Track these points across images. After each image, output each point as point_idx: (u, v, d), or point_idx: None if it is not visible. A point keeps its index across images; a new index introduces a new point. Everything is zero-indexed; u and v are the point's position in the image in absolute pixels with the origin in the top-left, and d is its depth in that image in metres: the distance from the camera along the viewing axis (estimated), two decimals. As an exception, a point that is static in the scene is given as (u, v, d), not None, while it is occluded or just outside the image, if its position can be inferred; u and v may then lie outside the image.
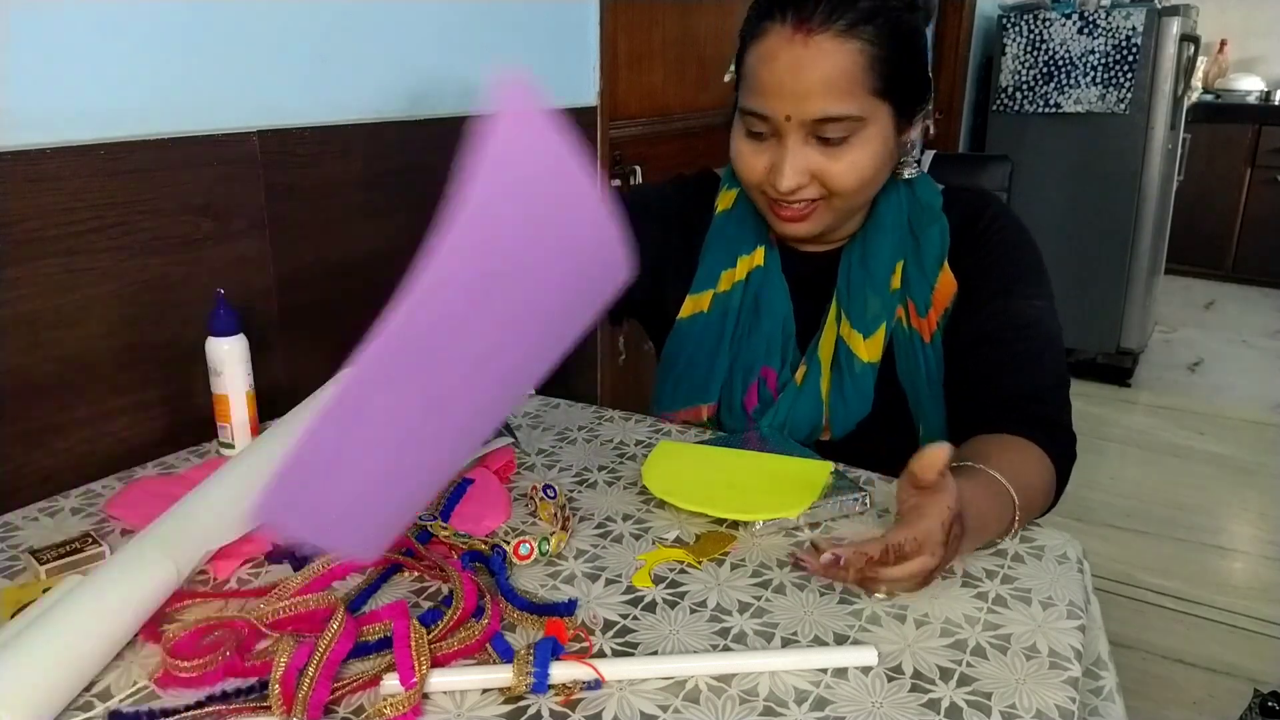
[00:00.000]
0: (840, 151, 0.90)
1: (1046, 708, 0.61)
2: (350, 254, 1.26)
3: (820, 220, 0.95)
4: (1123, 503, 2.59)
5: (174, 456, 1.02)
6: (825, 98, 0.87)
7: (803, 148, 0.90)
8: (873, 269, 0.99)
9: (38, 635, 0.60)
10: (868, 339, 0.98)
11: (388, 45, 1.27)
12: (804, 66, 0.86)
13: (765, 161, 0.92)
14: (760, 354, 1.03)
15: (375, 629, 0.66)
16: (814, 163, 0.90)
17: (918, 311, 0.98)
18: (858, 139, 0.89)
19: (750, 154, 0.94)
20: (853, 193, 0.92)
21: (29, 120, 0.91)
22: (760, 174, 0.93)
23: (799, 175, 0.90)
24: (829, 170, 0.90)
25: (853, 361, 0.98)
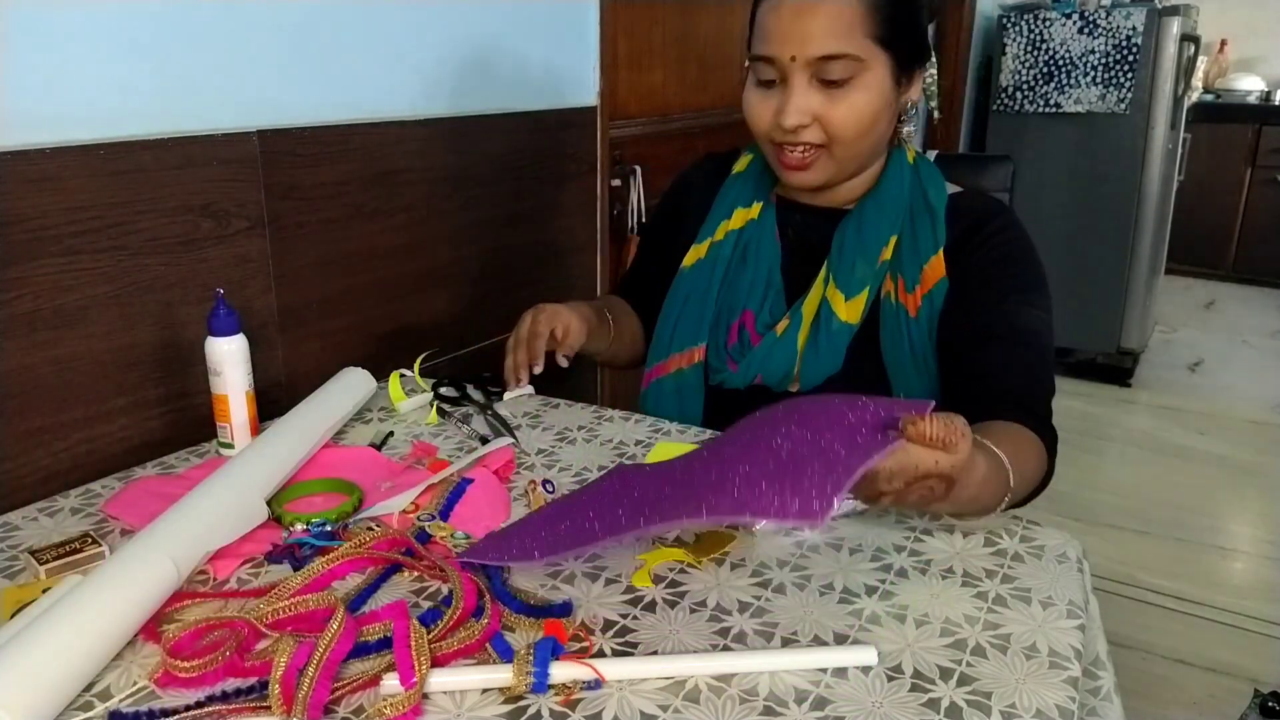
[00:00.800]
0: (841, 94, 0.95)
1: (1046, 707, 0.61)
2: (350, 254, 1.26)
3: (823, 169, 1.00)
4: (1123, 503, 2.59)
5: (173, 456, 1.02)
6: (827, 37, 0.93)
7: (806, 89, 0.96)
8: (866, 238, 1.03)
9: (38, 635, 0.60)
10: (849, 300, 1.02)
11: (388, 45, 1.27)
12: (807, 11, 0.94)
13: (773, 107, 0.98)
14: (742, 296, 1.08)
15: (375, 629, 0.66)
16: (816, 104, 0.96)
17: (906, 287, 1.01)
18: (858, 82, 0.95)
19: (759, 102, 1.00)
20: (852, 139, 0.98)
21: (29, 120, 0.91)
22: (769, 120, 0.99)
23: (802, 114, 0.96)
24: (830, 113, 0.96)
25: (831, 319, 1.02)
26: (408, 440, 1.06)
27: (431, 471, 0.94)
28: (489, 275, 1.51)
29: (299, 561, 0.77)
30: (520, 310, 1.16)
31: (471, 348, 1.49)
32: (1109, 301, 3.45)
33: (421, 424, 1.11)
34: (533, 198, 1.57)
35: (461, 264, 1.45)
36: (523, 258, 1.58)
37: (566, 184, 1.65)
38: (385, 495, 0.89)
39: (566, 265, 1.68)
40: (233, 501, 0.80)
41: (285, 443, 0.93)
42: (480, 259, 1.49)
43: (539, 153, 1.57)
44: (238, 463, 0.86)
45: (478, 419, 1.12)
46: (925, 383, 1.02)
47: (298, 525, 0.83)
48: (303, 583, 0.72)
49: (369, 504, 0.88)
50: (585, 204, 1.70)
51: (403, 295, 1.35)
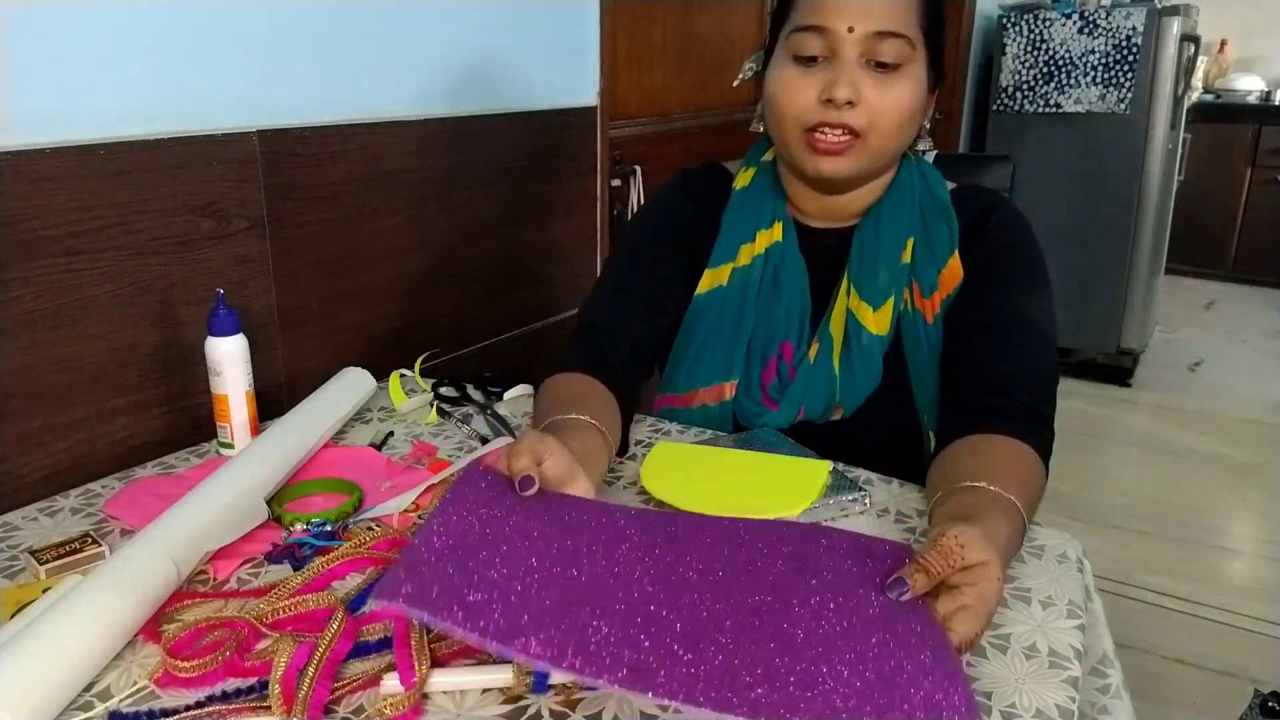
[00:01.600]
0: (890, 80, 0.92)
1: (1046, 707, 0.61)
2: (350, 254, 1.26)
3: (855, 160, 0.95)
4: (1123, 503, 2.59)
5: (173, 456, 1.02)
6: (888, 13, 0.91)
7: (857, 67, 0.92)
8: (885, 241, 1.00)
9: (38, 635, 0.60)
10: (876, 311, 0.99)
11: (388, 45, 1.27)
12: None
13: (816, 84, 0.93)
14: (780, 328, 1.03)
15: (375, 629, 0.66)
16: (866, 86, 0.92)
17: (922, 292, 0.99)
18: (906, 70, 0.93)
19: (799, 79, 0.94)
20: (890, 130, 0.94)
21: (29, 120, 0.91)
22: (808, 100, 0.93)
23: (853, 88, 0.91)
24: (877, 98, 0.92)
25: (861, 333, 0.99)
26: (408, 440, 1.06)
27: (431, 471, 0.94)
28: (489, 275, 1.51)
29: (299, 561, 0.77)
30: (520, 310, 1.16)
31: (472, 348, 1.50)
32: (1109, 301, 3.45)
33: (421, 424, 1.11)
34: (533, 198, 1.57)
35: (461, 264, 1.45)
36: (523, 258, 1.58)
37: (566, 184, 1.65)
38: (385, 495, 0.89)
39: (566, 265, 1.68)
40: (233, 501, 0.80)
41: (285, 443, 0.92)
42: (480, 259, 1.49)
43: (539, 153, 1.57)
44: (238, 463, 0.86)
45: (478, 419, 1.12)
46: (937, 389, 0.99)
47: (298, 525, 0.83)
48: (303, 583, 0.72)
49: (369, 504, 0.88)
50: (585, 204, 1.70)
51: (402, 295, 1.35)
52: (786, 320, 1.02)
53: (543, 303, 1.63)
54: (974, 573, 0.64)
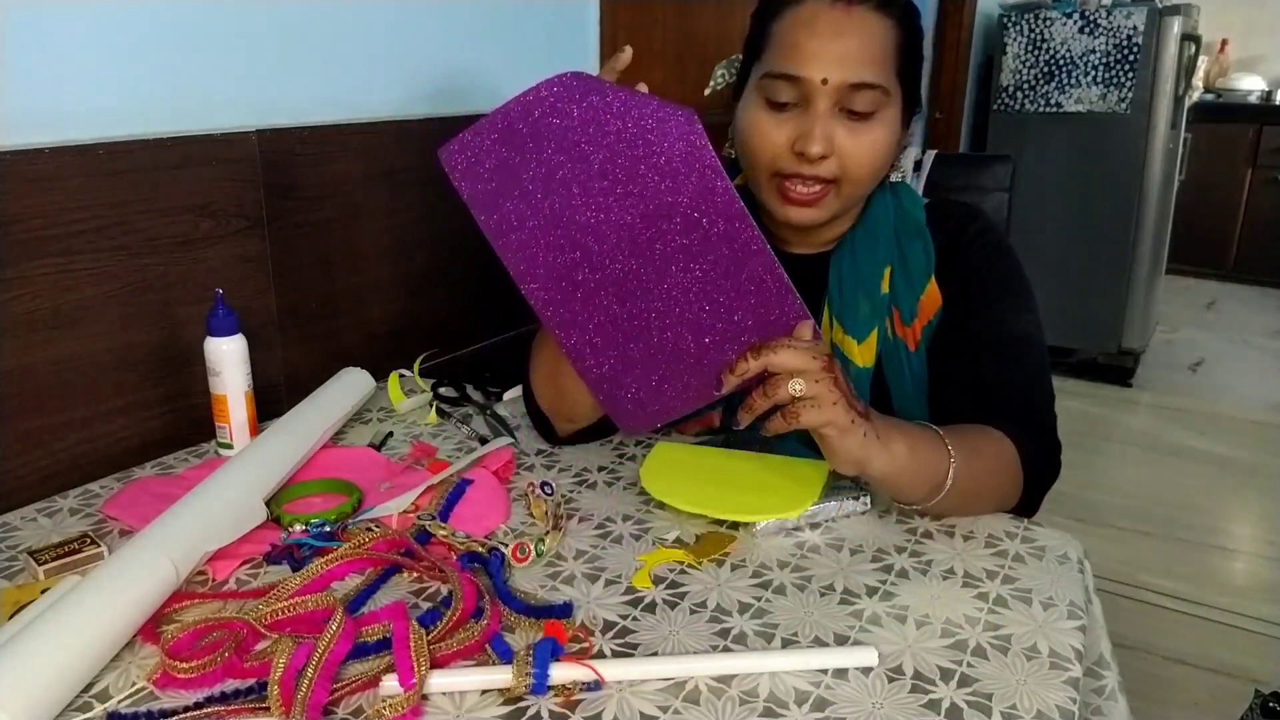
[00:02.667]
0: (865, 127, 0.90)
1: (1047, 708, 0.61)
2: (349, 254, 1.26)
3: (828, 207, 0.93)
4: (1124, 503, 2.58)
5: (172, 457, 1.02)
6: (863, 64, 0.88)
7: (830, 116, 0.89)
8: (863, 272, 0.98)
9: (37, 635, 0.60)
10: (861, 344, 0.97)
11: (388, 45, 1.27)
12: (846, 31, 0.88)
13: (788, 133, 0.90)
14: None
15: (375, 629, 0.66)
16: (839, 135, 0.90)
17: (903, 319, 0.98)
18: (880, 116, 0.91)
19: (771, 125, 0.91)
20: (863, 178, 0.92)
21: (29, 120, 0.91)
22: (779, 147, 0.91)
23: (826, 141, 0.89)
24: (851, 146, 0.90)
25: (848, 367, 0.98)
26: (407, 440, 1.06)
27: (431, 472, 0.94)
28: (489, 275, 1.51)
29: (298, 562, 0.77)
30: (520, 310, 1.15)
31: (471, 348, 1.49)
32: (1110, 301, 3.44)
33: (421, 424, 1.11)
34: (533, 198, 1.57)
35: (461, 264, 1.45)
36: (523, 258, 1.57)
37: (566, 184, 1.65)
38: (385, 496, 0.89)
39: (566, 265, 1.68)
40: (232, 502, 0.80)
41: (284, 443, 0.92)
42: (480, 259, 1.48)
43: (539, 152, 1.56)
44: (237, 463, 0.86)
45: (477, 419, 1.11)
46: (925, 414, 0.98)
47: (297, 526, 0.83)
48: (302, 583, 0.72)
49: (368, 504, 0.88)
50: (585, 204, 1.70)
51: (403, 295, 1.35)
52: None
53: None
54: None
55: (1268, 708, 1.59)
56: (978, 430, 0.86)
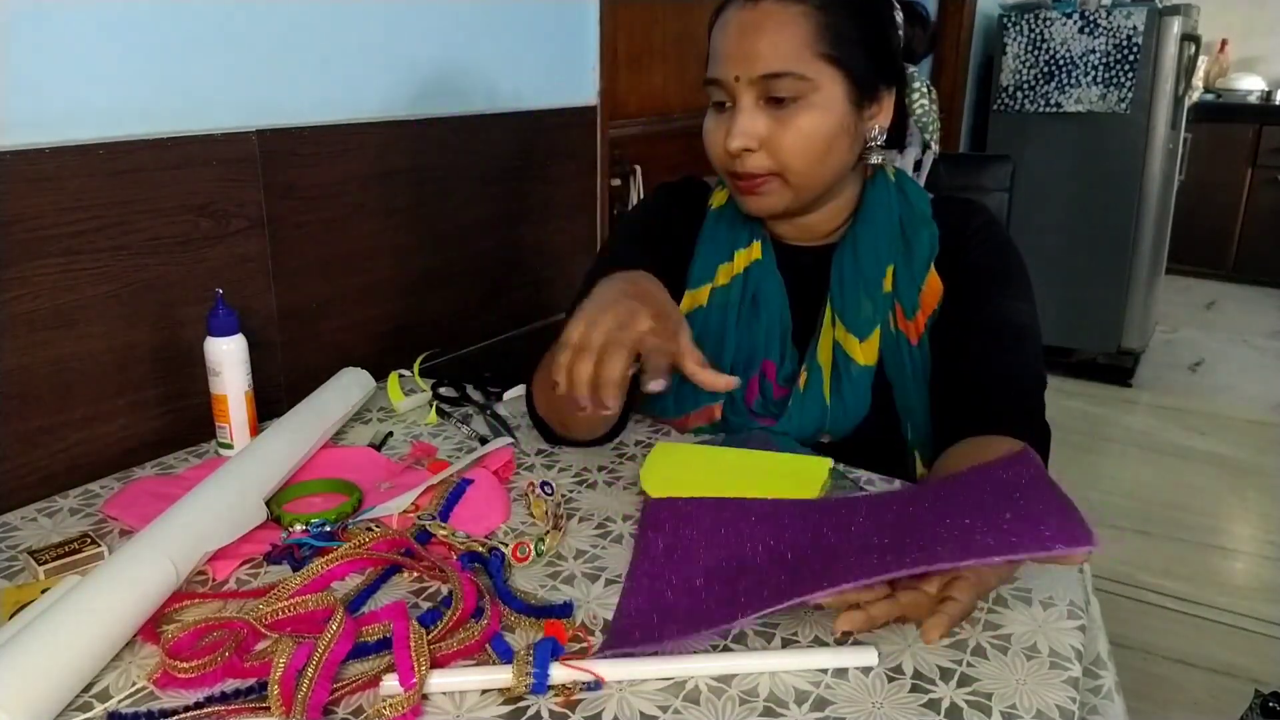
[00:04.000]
0: (789, 115, 0.91)
1: (1047, 708, 0.61)
2: (349, 254, 1.26)
3: (779, 197, 0.95)
4: (1123, 503, 2.59)
5: (172, 457, 1.02)
6: (770, 55, 0.90)
7: (753, 110, 0.92)
8: (865, 270, 0.99)
9: (37, 635, 0.60)
10: (863, 342, 0.98)
11: (388, 45, 1.27)
12: (751, 29, 0.91)
13: (725, 131, 0.94)
14: (760, 347, 1.02)
15: (375, 629, 0.66)
16: (764, 127, 0.92)
17: (905, 314, 0.98)
18: (806, 104, 0.91)
19: (713, 128, 0.96)
20: (803, 166, 0.93)
21: (29, 120, 0.91)
22: (720, 146, 0.95)
23: (748, 137, 0.92)
24: (778, 136, 0.92)
25: (850, 365, 0.98)
26: (407, 440, 1.06)
27: (431, 472, 0.94)
28: (489, 275, 1.51)
29: (298, 562, 0.77)
30: (520, 310, 1.15)
31: (471, 348, 1.49)
32: (1109, 301, 3.44)
33: (421, 424, 1.11)
34: (533, 197, 1.57)
35: (461, 264, 1.45)
36: (523, 258, 1.57)
37: (566, 184, 1.65)
38: (385, 496, 0.89)
39: (566, 265, 1.68)
40: (232, 502, 0.80)
41: (284, 443, 0.92)
42: (480, 259, 1.48)
43: (539, 152, 1.57)
44: (237, 463, 0.86)
45: (477, 419, 1.11)
46: (927, 412, 0.99)
47: (297, 526, 0.83)
48: (302, 583, 0.72)
49: (368, 504, 0.88)
50: (585, 204, 1.70)
51: (403, 295, 1.35)
52: (767, 339, 1.02)
53: (542, 303, 1.63)
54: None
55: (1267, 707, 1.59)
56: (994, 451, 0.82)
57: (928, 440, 0.98)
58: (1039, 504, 0.64)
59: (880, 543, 0.67)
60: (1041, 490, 0.66)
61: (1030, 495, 0.66)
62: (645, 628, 0.66)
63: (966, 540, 0.62)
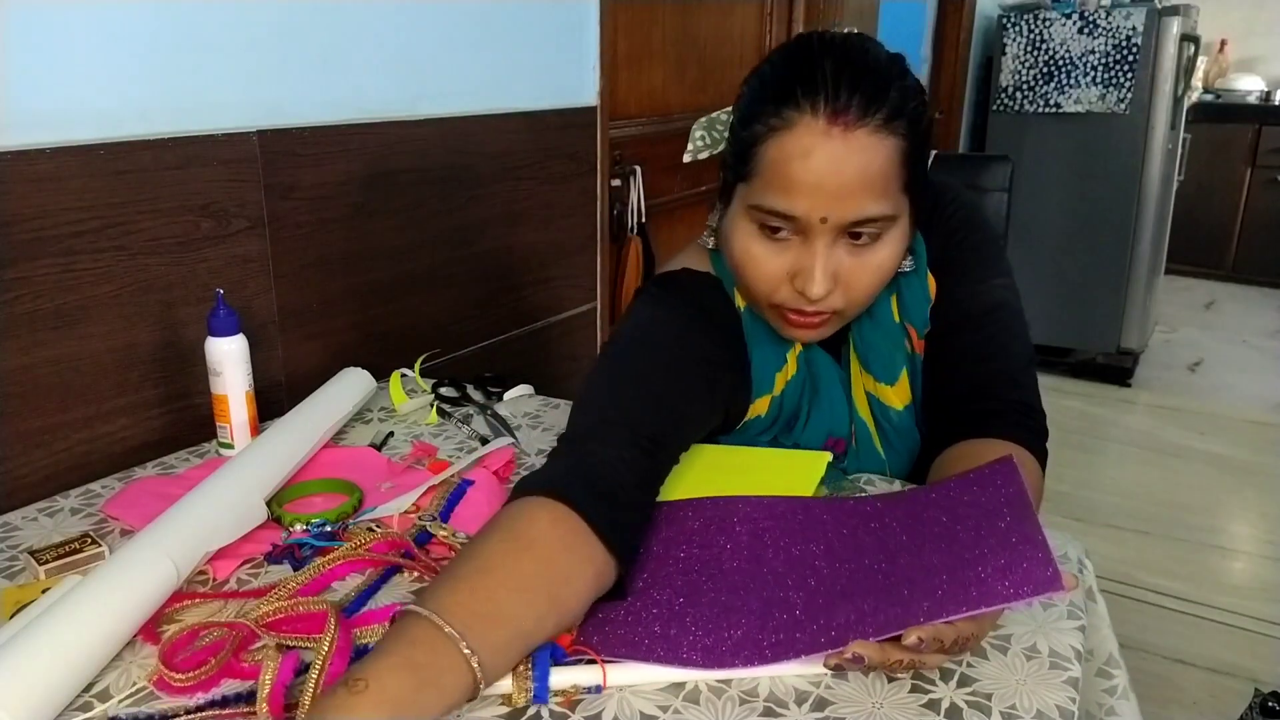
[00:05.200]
0: (869, 252, 0.82)
1: (1047, 708, 0.61)
2: (350, 254, 1.26)
3: (831, 327, 0.88)
4: (1123, 503, 2.59)
5: (173, 457, 1.02)
6: (865, 198, 0.78)
7: (832, 249, 0.81)
8: (878, 316, 0.94)
9: (37, 635, 0.60)
10: (894, 385, 0.95)
11: (388, 45, 1.27)
12: (844, 162, 0.77)
13: (785, 265, 0.83)
14: (825, 428, 0.97)
15: (374, 630, 0.65)
16: (842, 265, 0.82)
17: (919, 334, 0.95)
18: (886, 238, 0.82)
19: (766, 258, 0.83)
20: (869, 298, 0.86)
21: (29, 120, 0.91)
22: (777, 279, 0.84)
23: (829, 280, 0.81)
24: (855, 272, 0.82)
25: (888, 413, 0.95)
26: (408, 440, 1.06)
27: (432, 472, 0.94)
28: (489, 275, 1.51)
29: (299, 562, 0.77)
30: (520, 310, 1.15)
31: (472, 348, 1.49)
32: (1109, 301, 3.45)
33: (421, 424, 1.11)
34: (533, 198, 1.57)
35: (461, 264, 1.45)
36: (523, 258, 1.58)
37: (566, 184, 1.65)
38: (385, 496, 0.89)
39: (566, 265, 1.68)
40: (232, 502, 0.80)
41: (285, 443, 0.92)
42: (480, 259, 1.49)
43: (539, 153, 1.57)
44: (237, 463, 0.86)
45: (478, 419, 1.12)
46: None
47: (297, 526, 0.83)
48: (302, 584, 0.72)
49: (369, 504, 0.88)
50: (585, 204, 1.70)
51: (403, 295, 1.35)
52: (832, 418, 0.97)
53: (543, 303, 1.63)
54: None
55: (1267, 707, 1.60)
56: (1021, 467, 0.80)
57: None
58: (1016, 542, 0.64)
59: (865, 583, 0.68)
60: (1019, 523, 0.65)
61: (1009, 530, 0.65)
62: (629, 643, 0.65)
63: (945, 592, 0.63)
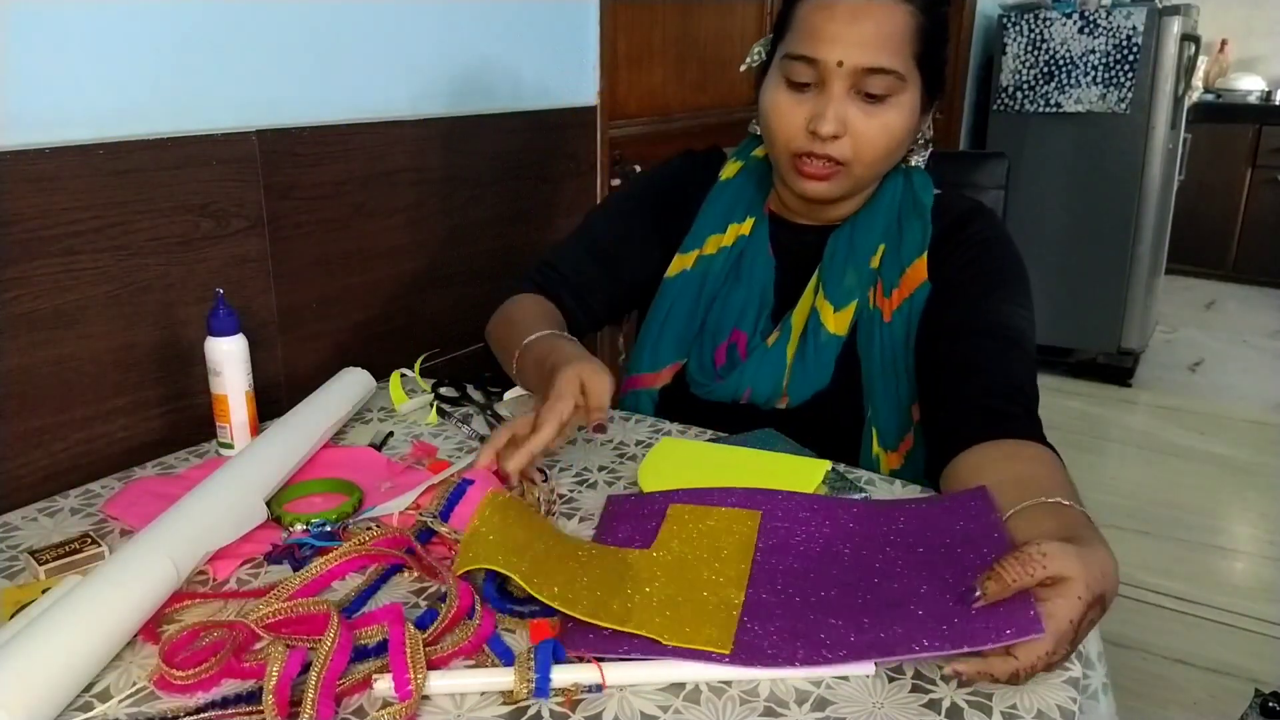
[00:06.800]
0: (878, 110, 0.94)
1: (1047, 708, 0.61)
2: (350, 254, 1.26)
3: (839, 184, 0.98)
4: (1123, 503, 2.59)
5: (173, 457, 1.02)
6: (879, 49, 0.91)
7: (845, 98, 0.93)
8: (858, 246, 1.02)
9: (37, 635, 0.60)
10: (837, 311, 1.01)
11: (387, 45, 1.27)
12: (862, 16, 0.91)
13: (805, 112, 0.95)
14: (733, 316, 1.06)
15: (373, 631, 0.65)
16: (853, 117, 0.94)
17: (884, 291, 1.01)
18: (894, 101, 0.94)
19: (789, 105, 0.96)
20: (875, 159, 0.96)
21: (29, 120, 0.91)
22: (795, 126, 0.95)
23: (839, 123, 0.93)
24: (864, 128, 0.94)
25: (820, 331, 1.01)
26: (408, 440, 1.06)
27: (431, 472, 0.94)
28: (489, 275, 1.51)
29: (299, 562, 0.77)
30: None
31: (472, 348, 1.49)
32: (1109, 301, 3.44)
33: (421, 424, 1.11)
34: (533, 198, 1.57)
35: (461, 264, 1.45)
36: (523, 258, 1.57)
37: (566, 184, 1.65)
38: (385, 496, 0.89)
39: (566, 265, 1.68)
40: (232, 502, 0.80)
41: (285, 443, 0.92)
42: (480, 259, 1.49)
43: (539, 153, 1.57)
44: (237, 463, 0.86)
45: (478, 419, 1.11)
46: (893, 388, 1.00)
47: (297, 526, 0.83)
48: (302, 583, 0.72)
49: (369, 504, 0.88)
50: (585, 204, 1.70)
51: (403, 295, 1.35)
52: (741, 311, 1.06)
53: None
54: (1053, 588, 0.61)
55: (1267, 707, 1.60)
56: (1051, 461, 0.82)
57: (889, 421, 1.01)
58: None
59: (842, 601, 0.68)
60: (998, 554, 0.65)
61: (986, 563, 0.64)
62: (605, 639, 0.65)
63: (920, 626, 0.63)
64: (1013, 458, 0.82)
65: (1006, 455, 0.83)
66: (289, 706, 0.58)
